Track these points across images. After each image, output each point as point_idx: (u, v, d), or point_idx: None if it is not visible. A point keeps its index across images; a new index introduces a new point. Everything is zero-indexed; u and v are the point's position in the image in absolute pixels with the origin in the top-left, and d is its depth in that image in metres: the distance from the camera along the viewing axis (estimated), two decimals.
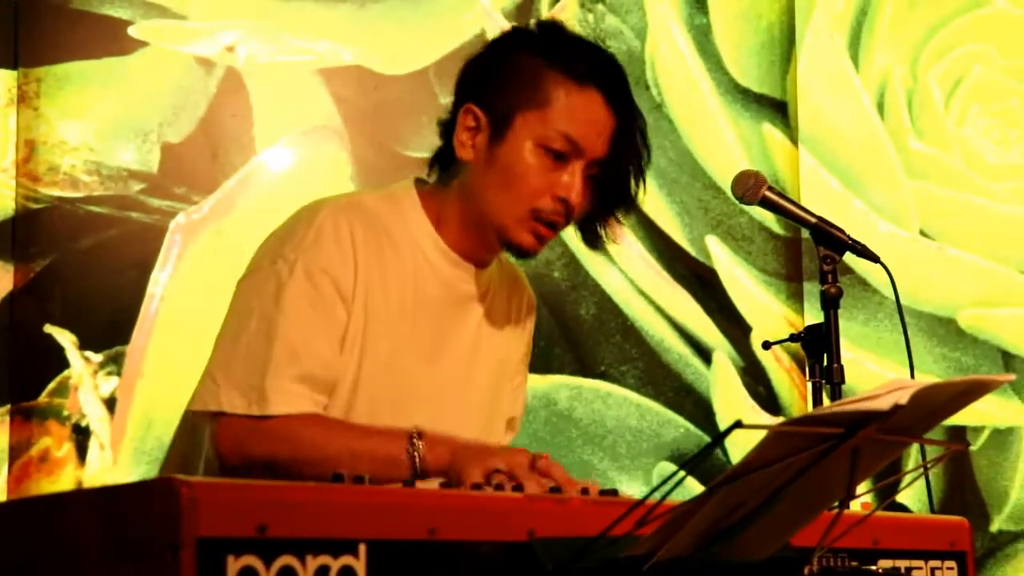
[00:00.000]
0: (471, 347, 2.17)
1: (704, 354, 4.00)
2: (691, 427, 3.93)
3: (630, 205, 2.15)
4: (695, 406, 3.97)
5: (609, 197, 2.11)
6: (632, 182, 2.11)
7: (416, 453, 1.85)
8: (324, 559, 1.30)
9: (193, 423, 2.06)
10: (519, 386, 2.33)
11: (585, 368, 3.96)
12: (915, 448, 2.89)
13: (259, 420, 1.92)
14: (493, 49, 2.16)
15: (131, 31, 3.94)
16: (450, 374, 2.13)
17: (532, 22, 2.18)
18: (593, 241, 2.18)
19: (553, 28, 2.16)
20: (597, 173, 2.08)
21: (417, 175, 2.22)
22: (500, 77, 2.10)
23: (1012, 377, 1.65)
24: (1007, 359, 3.97)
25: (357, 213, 2.09)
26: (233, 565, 1.23)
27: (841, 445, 1.45)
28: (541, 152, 2.04)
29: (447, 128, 2.15)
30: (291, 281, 1.98)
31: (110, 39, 3.95)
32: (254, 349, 1.95)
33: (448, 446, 1.87)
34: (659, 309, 4.01)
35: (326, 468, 1.84)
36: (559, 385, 3.94)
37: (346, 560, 1.32)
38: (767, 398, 3.98)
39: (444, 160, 2.17)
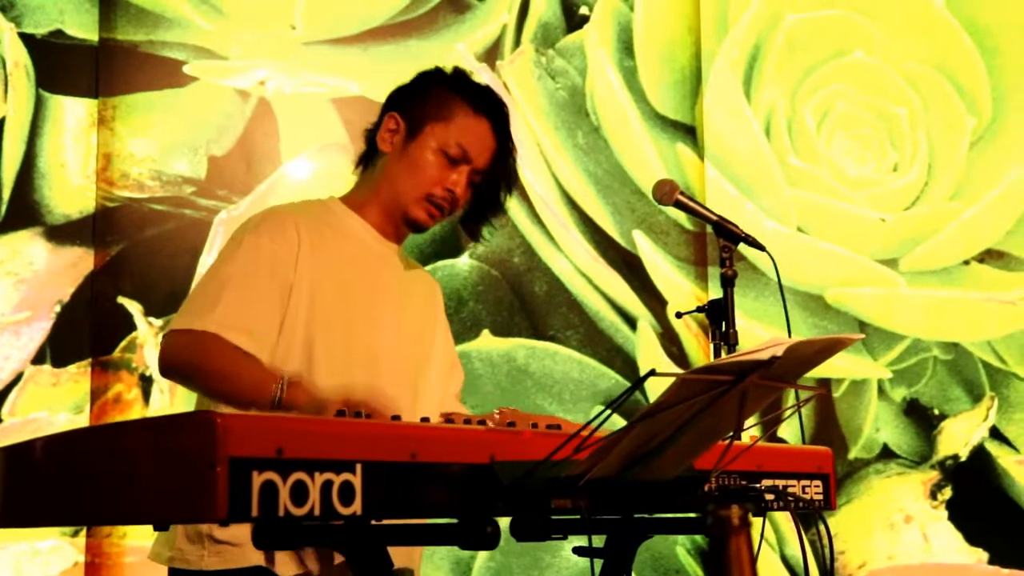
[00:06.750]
0: (398, 306, 2.14)
1: (631, 322, 4.00)
2: (620, 379, 3.93)
3: (498, 209, 2.19)
4: (623, 362, 3.97)
5: (484, 201, 2.16)
6: (502, 193, 2.17)
7: (279, 391, 1.80)
8: (329, 475, 1.29)
9: None
10: (447, 340, 2.28)
11: (538, 333, 3.96)
12: (792, 394, 2.90)
13: (189, 332, 1.90)
14: (417, 79, 2.19)
15: (185, 69, 3.92)
16: (385, 325, 2.09)
17: (450, 67, 2.19)
18: (473, 234, 2.21)
19: (464, 73, 2.20)
20: (479, 181, 2.13)
21: None
22: (420, 96, 2.15)
23: (862, 336, 1.66)
24: (862, 327, 3.98)
25: (296, 209, 2.12)
26: (257, 479, 1.22)
27: (731, 389, 1.45)
28: (440, 155, 2.09)
29: (371, 134, 2.18)
30: (239, 251, 1.98)
31: (169, 75, 3.93)
32: (206, 295, 1.95)
33: (306, 392, 1.83)
34: (596, 287, 4.00)
35: (217, 379, 1.86)
36: (517, 346, 3.94)
37: (346, 476, 1.31)
38: (679, 356, 3.97)
39: (366, 159, 2.19)
